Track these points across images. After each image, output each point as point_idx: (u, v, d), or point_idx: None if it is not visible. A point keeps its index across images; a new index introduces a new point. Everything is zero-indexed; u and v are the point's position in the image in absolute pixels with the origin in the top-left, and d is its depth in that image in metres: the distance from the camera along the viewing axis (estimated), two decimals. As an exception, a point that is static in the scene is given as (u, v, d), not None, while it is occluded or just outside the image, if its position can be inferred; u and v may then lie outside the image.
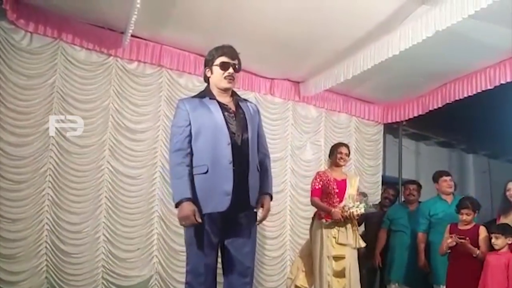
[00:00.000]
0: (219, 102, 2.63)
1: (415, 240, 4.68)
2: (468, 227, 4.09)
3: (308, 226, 4.47)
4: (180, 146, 2.55)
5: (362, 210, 4.06)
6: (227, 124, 2.58)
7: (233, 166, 2.51)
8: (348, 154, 4.36)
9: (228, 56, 2.64)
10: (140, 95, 4.83)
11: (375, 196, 5.97)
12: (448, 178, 4.69)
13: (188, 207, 2.42)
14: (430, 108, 5.70)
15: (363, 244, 4.20)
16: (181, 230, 2.78)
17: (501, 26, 4.09)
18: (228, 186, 2.48)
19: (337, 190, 4.15)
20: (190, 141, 2.57)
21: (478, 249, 3.95)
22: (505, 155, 7.26)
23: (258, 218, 2.68)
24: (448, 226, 4.20)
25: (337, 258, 4.04)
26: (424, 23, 3.79)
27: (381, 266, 5.01)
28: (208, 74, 2.68)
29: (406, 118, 6.21)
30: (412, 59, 4.68)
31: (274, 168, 5.42)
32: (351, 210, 4.01)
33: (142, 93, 4.85)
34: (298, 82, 5.78)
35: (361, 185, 4.58)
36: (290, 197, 5.61)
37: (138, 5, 3.69)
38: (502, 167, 7.55)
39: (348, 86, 5.54)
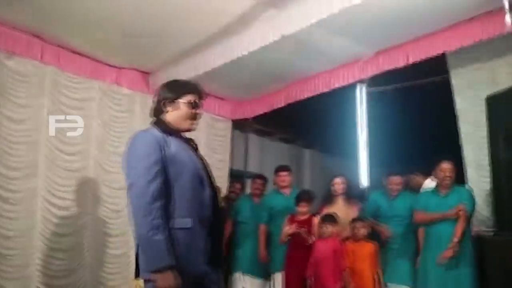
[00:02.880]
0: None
1: (258, 232, 4.92)
2: (305, 217, 4.46)
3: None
4: (159, 192, 2.07)
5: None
6: (204, 168, 2.30)
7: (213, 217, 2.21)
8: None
9: (198, 95, 2.37)
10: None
11: (223, 190, 6.11)
12: (284, 173, 4.98)
13: (172, 279, 1.99)
14: (274, 107, 6.04)
15: None
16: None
17: (338, 35, 4.52)
18: (208, 243, 2.18)
19: None
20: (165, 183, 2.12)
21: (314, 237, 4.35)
22: (337, 151, 8.07)
23: None
24: (287, 217, 4.52)
25: None
26: (271, 27, 3.99)
27: (226, 256, 5.17)
28: (169, 109, 2.31)
29: (253, 116, 6.49)
30: (260, 60, 4.88)
31: (119, 163, 5.25)
32: None
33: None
34: (148, 73, 5.62)
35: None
36: (135, 192, 5.43)
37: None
38: (333, 161, 8.36)
39: (200, 81, 5.50)
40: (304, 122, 7.06)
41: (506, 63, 4.52)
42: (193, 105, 2.33)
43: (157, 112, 2.35)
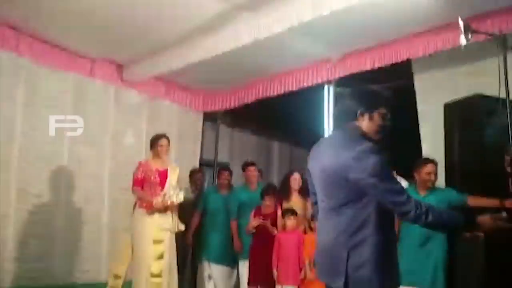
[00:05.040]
0: None
1: (226, 222, 5.09)
2: (270, 210, 4.69)
3: (127, 212, 4.53)
4: None
5: (182, 198, 4.31)
6: None
7: None
8: (168, 145, 4.50)
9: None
10: None
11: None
12: (253, 168, 5.19)
13: None
14: (245, 102, 6.22)
15: (182, 228, 4.46)
16: None
17: (309, 38, 4.72)
18: None
19: (158, 180, 4.32)
20: None
21: (277, 229, 4.58)
22: (306, 144, 8.27)
23: None
24: (253, 209, 4.74)
25: (157, 242, 4.24)
26: (245, 30, 4.13)
27: (193, 246, 5.32)
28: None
29: (224, 108, 6.64)
30: (233, 58, 4.95)
31: (92, 152, 5.35)
32: (171, 199, 4.22)
33: None
34: (122, 65, 5.67)
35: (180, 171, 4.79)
36: (108, 182, 5.53)
37: None
38: (302, 153, 8.57)
39: (173, 74, 5.65)
40: (274, 115, 7.24)
41: (466, 72, 4.79)
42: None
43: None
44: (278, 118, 7.34)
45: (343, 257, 2.05)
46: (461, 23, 3.23)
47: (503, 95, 3.49)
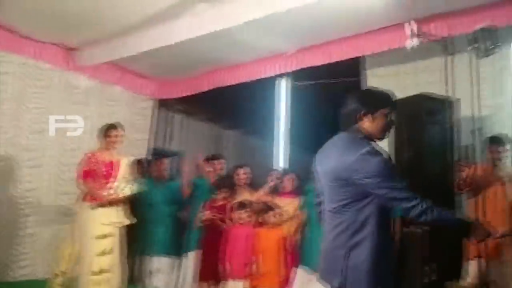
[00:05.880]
0: None
1: (168, 214, 4.91)
2: (221, 203, 4.67)
3: (70, 202, 4.39)
4: None
5: (129, 192, 4.19)
6: None
7: None
8: (122, 135, 4.31)
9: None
10: None
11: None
12: (217, 161, 5.06)
13: None
14: (198, 91, 6.16)
15: (128, 222, 4.30)
16: None
17: (264, 32, 4.74)
18: None
19: (105, 173, 4.16)
20: None
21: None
22: (258, 134, 8.32)
23: None
24: (204, 202, 4.68)
25: (101, 237, 4.10)
26: (199, 22, 4.09)
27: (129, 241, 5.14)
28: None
29: (178, 96, 6.54)
30: (187, 46, 4.90)
31: (35, 140, 5.12)
32: (123, 192, 4.12)
33: None
34: (72, 49, 5.46)
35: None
36: (51, 171, 5.33)
37: None
38: (254, 143, 8.63)
39: (126, 60, 5.51)
40: (228, 104, 7.22)
41: (413, 71, 4.97)
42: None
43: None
44: (231, 107, 7.34)
45: (342, 256, 2.10)
46: (407, 27, 3.35)
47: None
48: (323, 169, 2.29)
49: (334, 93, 5.92)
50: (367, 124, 2.27)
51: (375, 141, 2.29)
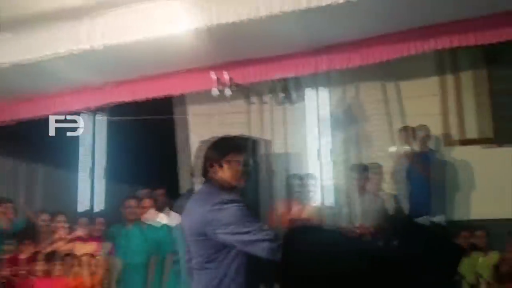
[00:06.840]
0: None
1: None
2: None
3: None
4: None
5: None
6: None
7: None
8: None
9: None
10: None
11: None
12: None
13: None
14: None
15: None
16: None
17: (69, 66, 4.60)
18: None
19: None
20: None
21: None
22: (70, 168, 7.84)
23: None
24: None
25: None
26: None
27: None
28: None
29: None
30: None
31: None
32: None
33: None
34: None
35: None
36: None
37: None
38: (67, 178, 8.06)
39: None
40: (31, 139, 6.67)
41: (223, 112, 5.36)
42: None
43: None
44: (41, 141, 6.80)
45: None
46: (213, 75, 3.64)
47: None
48: (186, 225, 2.25)
49: (152, 129, 6.10)
50: (220, 173, 2.25)
51: (235, 189, 2.26)
